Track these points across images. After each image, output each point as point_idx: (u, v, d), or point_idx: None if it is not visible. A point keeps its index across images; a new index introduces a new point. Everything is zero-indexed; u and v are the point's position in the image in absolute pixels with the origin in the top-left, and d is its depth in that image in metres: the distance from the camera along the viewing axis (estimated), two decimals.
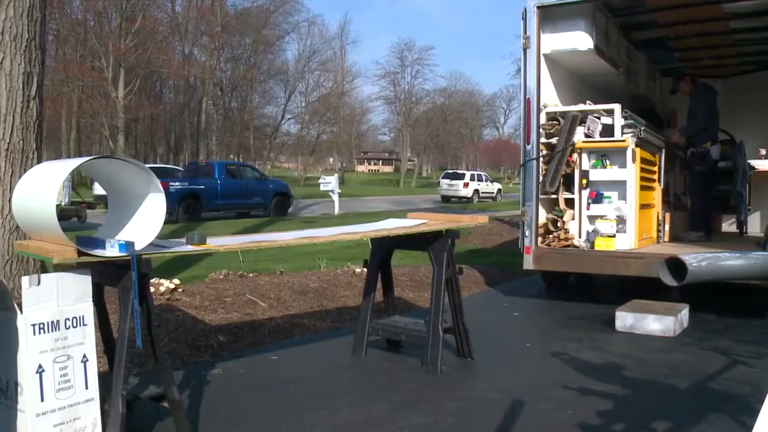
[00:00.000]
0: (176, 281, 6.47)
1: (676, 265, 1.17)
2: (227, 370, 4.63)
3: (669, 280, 1.19)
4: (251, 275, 7.73)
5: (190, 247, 3.33)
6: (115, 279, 3.07)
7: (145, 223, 3.17)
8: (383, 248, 4.97)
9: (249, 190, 22.67)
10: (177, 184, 20.43)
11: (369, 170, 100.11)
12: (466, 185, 39.49)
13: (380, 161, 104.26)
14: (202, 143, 51.26)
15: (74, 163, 2.99)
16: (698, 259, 1.19)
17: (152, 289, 5.97)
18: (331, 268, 8.56)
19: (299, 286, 7.24)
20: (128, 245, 2.90)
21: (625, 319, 5.91)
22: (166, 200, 3.15)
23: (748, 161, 9.26)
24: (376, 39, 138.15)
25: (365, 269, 5.24)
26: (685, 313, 6.04)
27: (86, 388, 2.99)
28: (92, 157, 2.98)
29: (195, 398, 4.00)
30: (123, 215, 3.27)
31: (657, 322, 5.77)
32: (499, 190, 43.97)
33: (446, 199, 38.84)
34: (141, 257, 2.99)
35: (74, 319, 2.96)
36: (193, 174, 22.54)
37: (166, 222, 3.20)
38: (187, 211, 20.03)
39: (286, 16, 57.13)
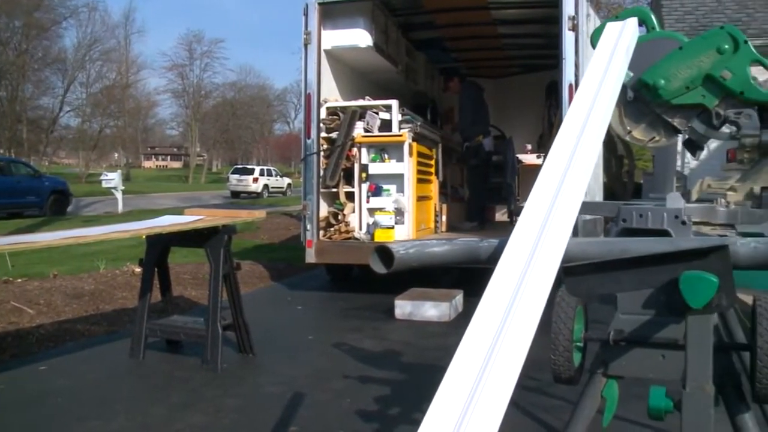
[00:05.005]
0: None
1: (385, 253, 1.23)
2: None
3: (379, 267, 1.25)
4: (19, 280, 7.19)
5: None
6: None
7: None
8: (158, 246, 4.82)
9: (21, 188, 20.94)
10: None
11: (157, 166, 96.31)
12: (255, 180, 39.14)
13: (169, 156, 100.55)
14: None
15: None
16: (406, 247, 1.26)
17: None
18: (110, 269, 8.16)
19: (73, 289, 6.84)
20: None
21: (404, 307, 6.16)
22: None
23: (517, 155, 10.02)
24: (163, 29, 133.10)
25: None
26: (459, 298, 6.39)
27: None
28: None
29: None
30: None
31: (434, 309, 6.07)
32: (289, 184, 43.88)
33: (236, 194, 38.22)
34: None
35: None
36: None
37: None
38: None
39: (63, 0, 53.25)
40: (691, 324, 1.24)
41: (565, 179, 1.19)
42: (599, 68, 1.51)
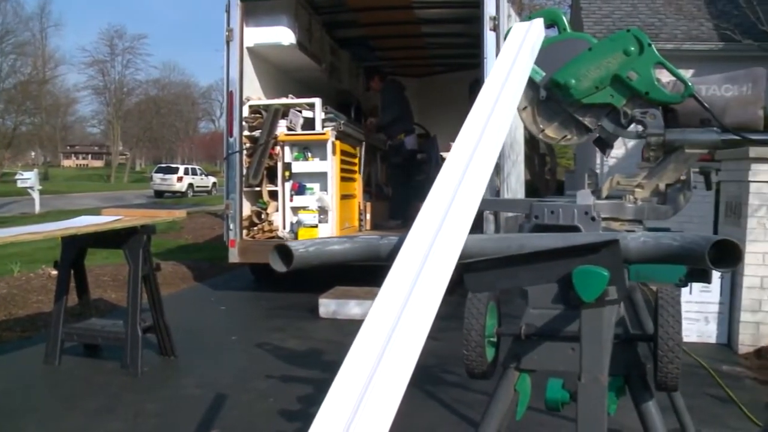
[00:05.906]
0: None
1: (284, 251, 1.23)
2: None
3: (279, 266, 1.24)
4: None
5: None
6: None
7: None
8: (74, 247, 4.70)
9: None
10: None
11: (77, 165, 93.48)
12: (179, 179, 38.30)
13: (90, 155, 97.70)
14: None
15: None
16: (306, 245, 1.26)
17: None
18: (24, 272, 7.89)
19: None
20: None
21: (328, 306, 6.16)
22: None
23: (441, 153, 10.11)
24: (82, 23, 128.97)
25: None
26: None
27: None
28: None
29: None
30: None
31: (358, 307, 6.08)
32: (215, 183, 42.99)
33: (159, 194, 37.31)
34: None
35: None
36: None
37: None
38: None
39: None
40: (585, 317, 1.28)
41: (465, 176, 1.21)
42: (504, 67, 1.54)
